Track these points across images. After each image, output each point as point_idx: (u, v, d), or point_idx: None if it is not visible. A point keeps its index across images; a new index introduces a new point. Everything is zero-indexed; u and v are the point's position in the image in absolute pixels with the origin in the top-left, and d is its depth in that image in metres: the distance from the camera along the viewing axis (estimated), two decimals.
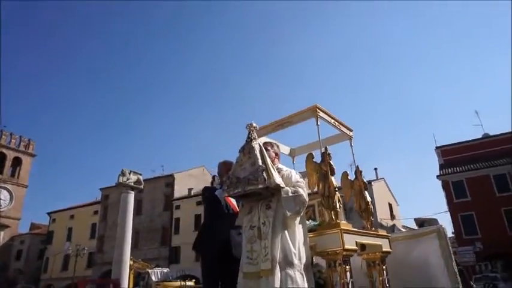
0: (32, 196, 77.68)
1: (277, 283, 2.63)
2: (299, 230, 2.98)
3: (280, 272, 2.68)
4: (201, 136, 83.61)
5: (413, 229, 4.92)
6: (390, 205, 32.01)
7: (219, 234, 3.34)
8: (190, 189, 38.88)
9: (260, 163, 2.91)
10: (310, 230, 3.28)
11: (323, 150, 3.61)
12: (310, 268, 2.90)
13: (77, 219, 42.54)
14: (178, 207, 37.49)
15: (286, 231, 2.87)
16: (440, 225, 4.58)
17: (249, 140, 3.09)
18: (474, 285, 11.15)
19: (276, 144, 3.47)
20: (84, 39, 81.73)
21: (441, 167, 28.76)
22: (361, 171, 4.17)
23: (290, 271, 2.71)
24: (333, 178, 3.41)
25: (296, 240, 2.89)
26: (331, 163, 3.48)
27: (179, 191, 38.70)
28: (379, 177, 31.39)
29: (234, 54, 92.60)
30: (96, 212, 41.75)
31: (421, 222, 5.09)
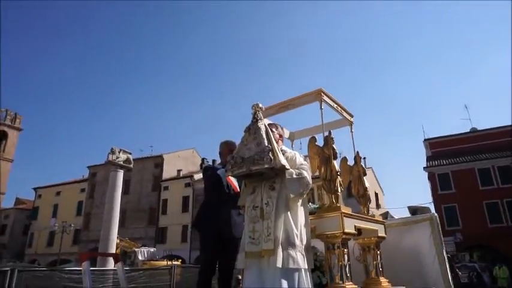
0: (18, 171, 76.57)
1: (279, 263, 2.65)
2: (301, 212, 3.00)
3: (282, 252, 2.71)
4: (192, 118, 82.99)
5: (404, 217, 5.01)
6: (376, 194, 32.61)
7: (219, 213, 3.34)
8: (179, 171, 38.86)
9: (266, 143, 2.89)
10: (310, 213, 3.30)
11: (326, 134, 3.61)
12: (310, 250, 2.93)
13: (63, 196, 42.25)
14: (166, 188, 37.51)
15: (289, 213, 2.88)
16: (433, 214, 4.66)
17: (255, 120, 3.07)
18: (460, 273, 11.56)
19: (280, 126, 3.45)
20: (75, 16, 79.41)
21: (428, 158, 29.28)
22: (360, 157, 4.20)
23: (292, 252, 2.74)
24: (335, 162, 3.43)
25: (298, 222, 2.91)
26: (334, 147, 3.48)
27: (168, 172, 38.65)
28: (367, 167, 31.81)
29: (229, 37, 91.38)
30: (83, 190, 41.52)
31: (414, 210, 5.18)
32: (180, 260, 23.67)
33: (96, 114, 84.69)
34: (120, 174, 13.26)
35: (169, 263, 18.94)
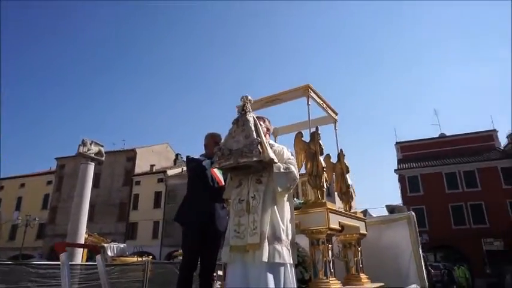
0: None
1: (265, 257, 2.61)
2: (287, 207, 2.97)
3: (268, 247, 2.67)
4: (166, 113, 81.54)
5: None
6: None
7: (203, 206, 3.25)
8: (152, 166, 38.16)
9: (255, 136, 2.84)
10: (295, 208, 3.28)
11: (313, 130, 3.59)
12: (294, 245, 2.91)
13: (28, 188, 40.40)
14: (138, 183, 36.72)
15: (275, 207, 2.85)
16: (411, 213, 4.77)
17: (244, 112, 3.01)
18: (432, 271, 12.00)
19: (267, 119, 3.40)
20: (54, 9, 75.94)
21: (399, 161, 30.19)
22: (344, 155, 4.22)
23: (278, 246, 2.70)
24: (321, 158, 3.42)
25: (284, 217, 2.88)
26: (321, 143, 3.48)
27: (140, 166, 37.84)
28: None
29: (205, 32, 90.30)
30: (50, 182, 39.89)
31: (391, 209, 5.30)
32: (151, 257, 23.20)
33: (66, 104, 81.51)
34: (91, 167, 12.79)
35: (139, 259, 18.55)
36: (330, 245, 3.15)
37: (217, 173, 3.47)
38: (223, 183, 3.41)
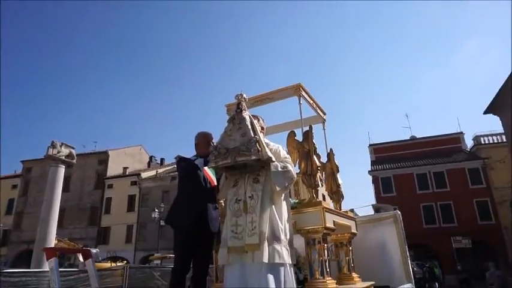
0: None
1: (265, 258, 2.55)
2: (284, 207, 2.92)
3: (268, 247, 2.61)
4: (140, 115, 79.78)
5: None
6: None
7: (196, 207, 3.15)
8: (125, 168, 37.17)
9: (252, 134, 2.78)
10: (291, 208, 3.24)
11: (305, 129, 3.58)
12: (292, 244, 2.87)
13: None
14: (111, 186, 35.67)
15: (273, 206, 2.80)
16: (397, 212, 4.86)
17: (239, 110, 2.94)
18: (415, 268, 12.31)
19: (262, 118, 3.35)
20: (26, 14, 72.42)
21: (372, 163, 30.93)
22: (334, 155, 4.23)
23: (277, 246, 2.65)
24: (315, 157, 3.40)
25: (282, 216, 2.83)
26: (314, 142, 3.46)
27: (113, 169, 36.79)
28: None
29: (184, 31, 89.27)
30: (14, 186, 37.98)
31: (377, 208, 5.38)
32: (125, 261, 22.55)
33: (33, 104, 78.07)
34: (61, 170, 12.28)
35: (113, 264, 17.98)
36: (325, 245, 3.13)
37: (209, 173, 3.36)
38: (216, 184, 3.32)
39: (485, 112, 19.99)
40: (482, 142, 28.80)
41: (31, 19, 74.79)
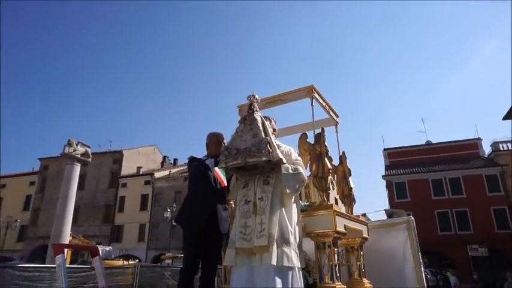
0: None
1: (274, 260, 2.52)
2: (294, 209, 2.89)
3: (277, 250, 2.58)
4: (155, 115, 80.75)
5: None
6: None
7: (206, 207, 3.14)
8: (139, 168, 37.62)
9: (263, 135, 2.76)
10: (301, 210, 3.21)
11: (317, 131, 3.54)
12: (301, 247, 2.83)
13: (9, 189, 39.20)
14: (124, 185, 36.12)
15: (283, 209, 2.77)
16: (410, 217, 4.75)
17: (251, 111, 2.93)
18: (429, 276, 12.06)
19: (274, 119, 3.33)
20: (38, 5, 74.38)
21: (387, 167, 30.49)
22: (346, 158, 4.17)
23: (286, 249, 2.61)
24: (327, 160, 3.36)
25: (292, 219, 2.80)
26: (326, 145, 3.42)
27: (127, 168, 37.25)
28: None
29: (197, 35, 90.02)
30: (32, 183, 38.85)
31: (390, 213, 5.28)
32: (137, 260, 22.78)
33: (51, 104, 79.90)
34: (77, 168, 12.53)
35: (125, 262, 18.19)
36: (336, 249, 3.08)
37: (220, 174, 3.36)
38: (226, 184, 3.31)
39: (505, 118, 19.50)
40: (501, 148, 28.08)
41: (44, 19, 76.64)
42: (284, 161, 2.81)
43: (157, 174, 35.78)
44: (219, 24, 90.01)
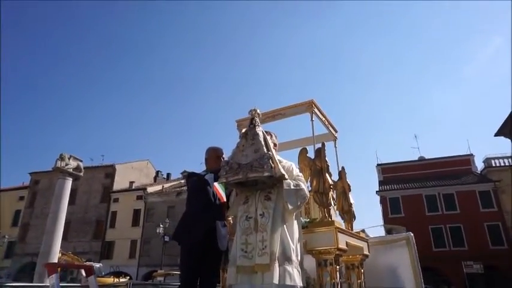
0: None
1: (276, 279, 2.45)
2: (295, 226, 2.84)
3: (279, 268, 2.51)
4: (148, 130, 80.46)
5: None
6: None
7: (205, 224, 3.05)
8: (131, 183, 37.17)
9: (265, 150, 2.73)
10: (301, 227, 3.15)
11: (318, 146, 3.51)
12: (303, 266, 2.76)
13: None
14: (116, 200, 35.62)
15: (285, 225, 2.71)
16: (409, 233, 4.71)
17: (253, 125, 2.90)
18: None
19: (274, 134, 3.30)
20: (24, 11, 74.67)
21: (380, 183, 30.52)
22: (345, 173, 4.14)
23: (288, 267, 2.55)
24: (327, 175, 3.32)
25: (294, 236, 2.75)
26: (327, 160, 3.39)
27: (119, 183, 36.81)
28: None
29: (190, 47, 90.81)
30: (22, 198, 38.13)
31: (389, 229, 5.25)
32: (128, 277, 22.26)
33: (42, 117, 79.29)
34: (69, 182, 12.29)
35: (116, 280, 17.75)
36: (337, 266, 3.01)
37: (219, 189, 3.29)
38: (225, 200, 3.25)
39: (496, 134, 19.68)
40: (493, 164, 28.35)
41: (42, 25, 76.82)
42: (286, 176, 2.77)
43: (150, 189, 35.39)
44: (211, 39, 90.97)
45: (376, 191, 29.46)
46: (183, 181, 35.26)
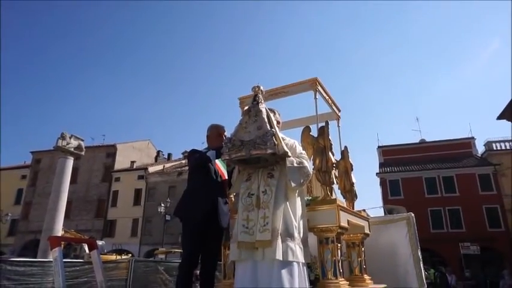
0: None
1: (278, 255, 2.46)
2: (298, 203, 2.83)
3: (281, 244, 2.51)
4: (149, 110, 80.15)
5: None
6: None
7: (207, 200, 3.05)
8: (132, 162, 37.34)
9: (269, 127, 2.69)
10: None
11: (321, 124, 3.47)
12: (306, 243, 2.76)
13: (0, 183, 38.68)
14: (118, 179, 35.86)
15: (287, 203, 2.70)
16: (410, 214, 4.72)
17: (256, 102, 2.85)
18: (426, 273, 12.07)
19: (278, 112, 3.25)
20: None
21: (381, 165, 30.59)
22: (348, 152, 4.12)
23: (291, 244, 2.55)
24: (330, 153, 3.29)
25: (296, 213, 2.74)
26: (330, 138, 3.35)
27: (120, 162, 36.98)
28: None
29: (191, 29, 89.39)
30: (24, 177, 38.39)
31: (389, 209, 5.26)
32: (130, 255, 22.67)
33: (43, 97, 78.85)
34: (70, 161, 12.39)
35: (118, 257, 18.06)
36: (339, 244, 3.03)
37: (221, 166, 3.27)
38: (226, 177, 3.23)
39: (499, 118, 19.56)
40: (494, 148, 28.31)
41: (42, 17, 75.55)
42: (289, 154, 2.75)
43: (151, 169, 35.58)
44: (212, 17, 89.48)
45: (376, 173, 29.56)
46: (184, 161, 35.44)
